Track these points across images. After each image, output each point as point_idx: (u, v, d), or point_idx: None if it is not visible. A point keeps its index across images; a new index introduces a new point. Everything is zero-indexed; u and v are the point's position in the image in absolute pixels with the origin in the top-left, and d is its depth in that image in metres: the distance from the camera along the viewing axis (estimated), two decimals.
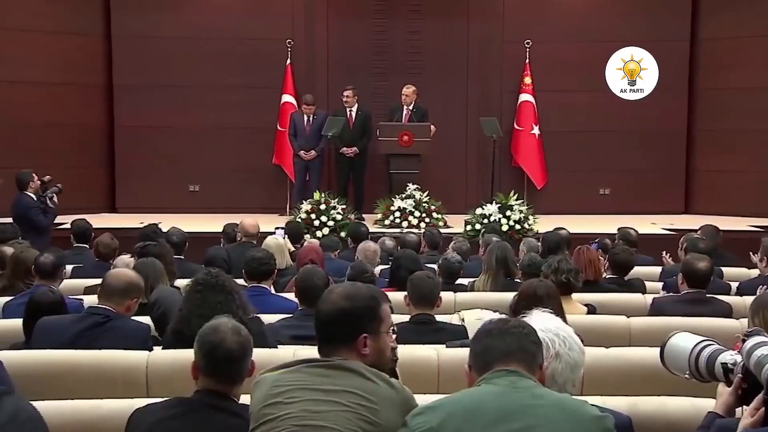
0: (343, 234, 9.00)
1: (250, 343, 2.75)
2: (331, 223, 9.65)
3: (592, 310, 4.78)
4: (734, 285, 5.84)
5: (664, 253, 7.12)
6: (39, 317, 4.00)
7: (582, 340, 2.51)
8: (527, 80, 11.60)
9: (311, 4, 11.70)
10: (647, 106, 11.79)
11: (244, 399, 2.64)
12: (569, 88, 11.76)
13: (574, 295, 4.80)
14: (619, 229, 7.50)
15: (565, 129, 11.79)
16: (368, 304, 2.54)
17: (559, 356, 2.40)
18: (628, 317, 4.69)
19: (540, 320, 2.45)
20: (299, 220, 9.53)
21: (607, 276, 5.76)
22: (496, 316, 4.36)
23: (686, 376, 2.34)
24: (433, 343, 3.96)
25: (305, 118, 10.77)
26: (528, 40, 11.60)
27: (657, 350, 3.59)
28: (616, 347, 3.93)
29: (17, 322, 4.16)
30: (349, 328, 2.48)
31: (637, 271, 6.19)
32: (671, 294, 5.26)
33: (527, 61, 11.61)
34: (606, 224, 9.54)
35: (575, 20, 11.84)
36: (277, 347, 3.93)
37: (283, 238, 7.12)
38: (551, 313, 2.58)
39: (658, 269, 6.76)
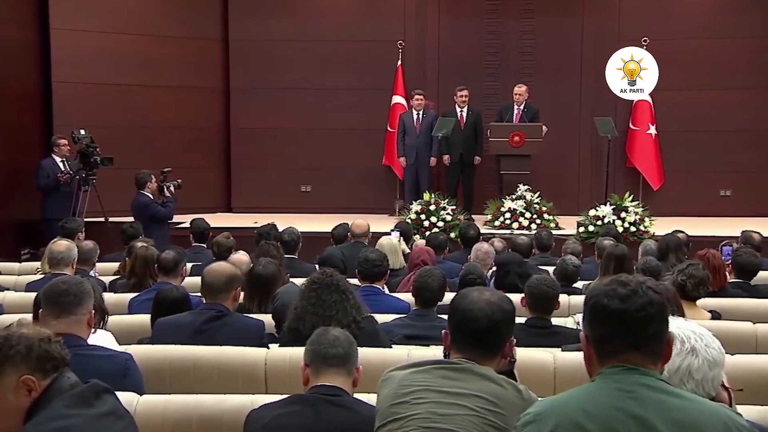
0: (452, 235, 8.97)
1: (354, 344, 2.80)
2: (440, 223, 9.64)
3: (716, 315, 4.61)
4: None
5: None
6: (165, 314, 4.15)
7: None
8: None
9: (423, 5, 11.73)
10: None
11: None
12: (688, 86, 11.38)
13: (699, 301, 4.63)
14: (742, 232, 7.20)
15: (682, 128, 11.42)
16: (513, 308, 2.54)
17: (696, 351, 2.27)
18: (754, 323, 4.50)
19: (676, 321, 2.35)
20: (409, 220, 9.55)
21: (732, 280, 5.52)
22: None
23: None
24: (548, 347, 3.90)
25: (414, 116, 10.80)
26: (645, 38, 11.26)
27: None
28: (742, 354, 3.78)
29: (143, 318, 4.32)
30: (505, 333, 2.48)
31: (764, 275, 5.92)
32: None
33: None
34: (727, 227, 9.20)
35: (695, 16, 11.47)
36: (391, 347, 3.94)
37: (398, 239, 7.17)
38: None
39: None
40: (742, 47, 11.32)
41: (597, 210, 9.67)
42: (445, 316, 2.60)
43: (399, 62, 11.60)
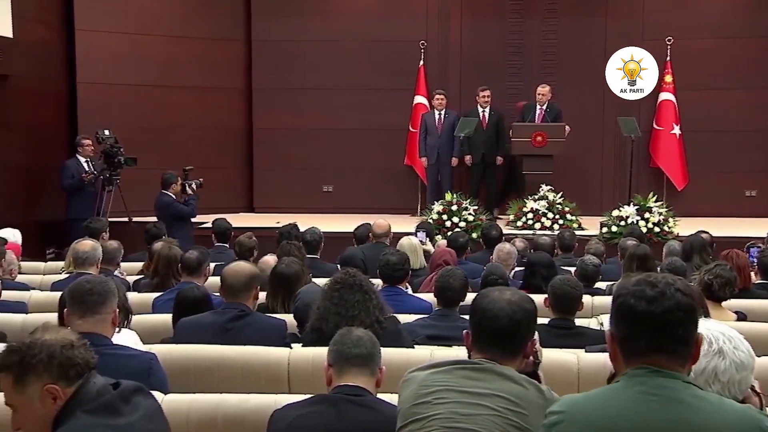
0: (474, 235, 8.95)
1: (378, 345, 2.79)
2: (462, 224, 9.61)
3: (741, 317, 4.56)
4: None
5: None
6: (185, 313, 4.16)
7: None
8: (668, 78, 11.20)
9: (445, 5, 11.71)
10: None
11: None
12: (713, 86, 11.28)
13: (724, 302, 4.59)
14: None
15: (707, 128, 11.32)
16: (535, 307, 2.53)
17: (723, 353, 2.24)
18: None
19: (705, 323, 2.32)
20: (431, 221, 9.54)
21: (757, 281, 5.47)
22: None
23: None
24: (571, 347, 3.88)
25: (436, 116, 10.79)
26: (669, 37, 11.19)
27: None
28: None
29: (166, 318, 4.33)
30: (526, 333, 2.46)
31: None
32: None
33: (668, 58, 11.20)
34: (753, 227, 9.11)
35: (720, 15, 11.36)
36: (413, 347, 3.94)
37: (425, 240, 7.17)
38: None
39: None
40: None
41: (620, 210, 9.62)
42: (468, 317, 2.59)
43: (421, 62, 11.59)
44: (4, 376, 2.21)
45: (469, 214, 9.75)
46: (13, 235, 7.02)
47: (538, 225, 9.76)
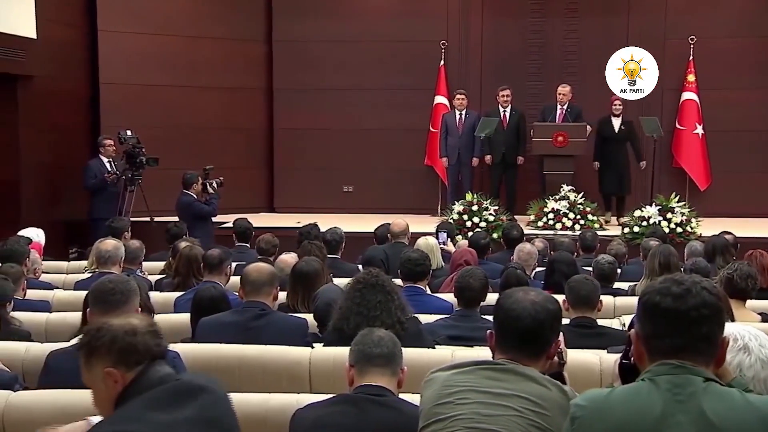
0: (495, 235, 8.92)
1: (399, 345, 2.79)
2: (483, 224, 9.58)
3: (766, 318, 4.51)
4: None
5: None
6: (203, 313, 4.17)
7: None
8: (690, 78, 11.13)
9: (466, 5, 11.69)
10: None
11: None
12: (736, 85, 11.19)
13: (748, 303, 4.54)
14: None
15: (731, 128, 11.22)
16: (559, 308, 2.52)
17: (749, 349, 2.22)
18: None
19: (729, 325, 2.30)
20: (451, 221, 9.52)
21: None
22: None
23: None
24: (594, 347, 3.86)
25: (457, 116, 10.77)
26: (692, 36, 11.10)
27: None
28: None
29: (188, 317, 4.35)
30: (550, 334, 2.44)
31: None
32: None
33: (691, 57, 11.12)
34: None
35: (743, 15, 11.27)
36: (434, 347, 3.93)
37: (446, 240, 7.15)
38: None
39: None
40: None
41: (642, 211, 9.55)
42: (489, 317, 2.58)
43: (441, 62, 11.58)
44: (79, 356, 2.27)
45: (490, 214, 9.72)
46: (37, 235, 7.07)
47: (559, 225, 9.72)
